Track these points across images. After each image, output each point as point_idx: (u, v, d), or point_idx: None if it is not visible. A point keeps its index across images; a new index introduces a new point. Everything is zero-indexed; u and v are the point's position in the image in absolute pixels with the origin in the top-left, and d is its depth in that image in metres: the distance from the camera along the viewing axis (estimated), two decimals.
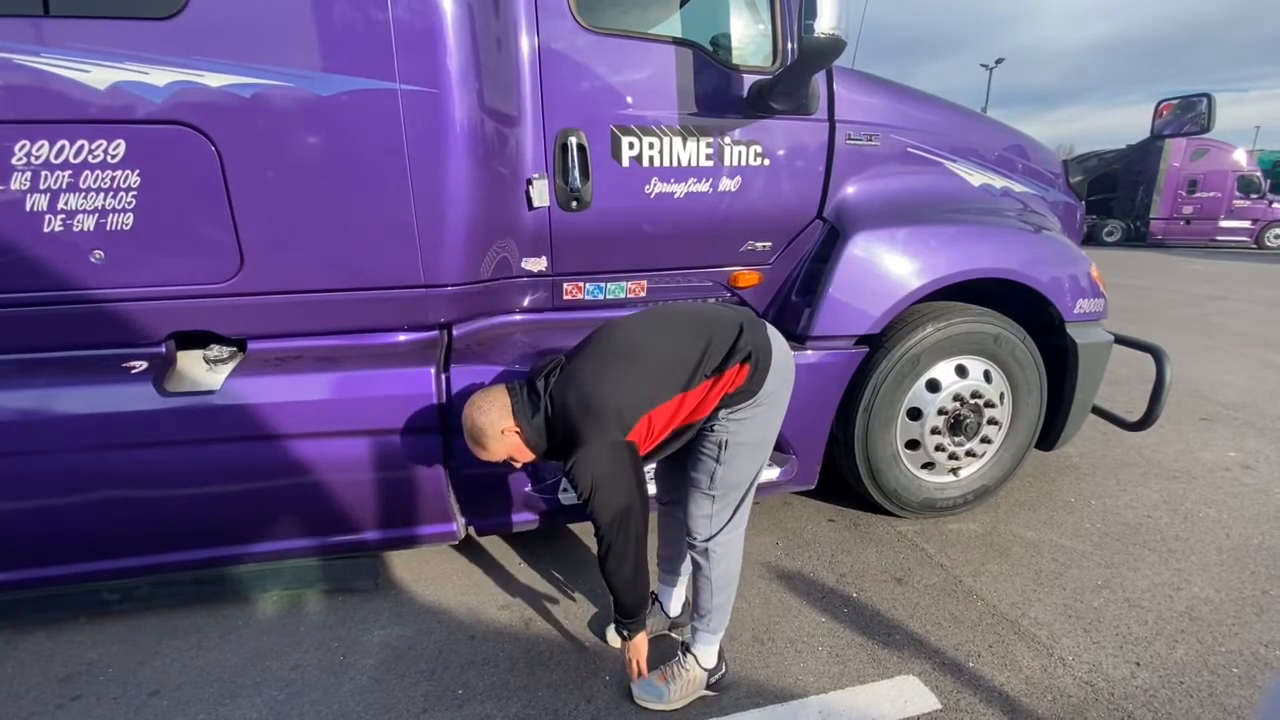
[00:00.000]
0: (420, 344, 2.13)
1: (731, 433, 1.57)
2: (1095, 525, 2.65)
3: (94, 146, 1.60)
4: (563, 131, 2.00)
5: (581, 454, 1.45)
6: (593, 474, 1.44)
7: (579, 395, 1.49)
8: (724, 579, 1.69)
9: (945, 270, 2.36)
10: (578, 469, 1.45)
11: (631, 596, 1.62)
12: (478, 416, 1.54)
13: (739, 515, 1.66)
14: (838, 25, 1.76)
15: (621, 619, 1.68)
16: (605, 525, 1.50)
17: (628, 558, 1.55)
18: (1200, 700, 1.75)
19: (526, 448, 1.58)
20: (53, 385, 1.82)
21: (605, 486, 1.45)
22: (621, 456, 1.47)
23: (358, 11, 1.64)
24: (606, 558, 1.55)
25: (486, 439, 1.54)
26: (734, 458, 1.58)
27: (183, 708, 1.78)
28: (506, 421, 1.54)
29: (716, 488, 1.61)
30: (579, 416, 1.48)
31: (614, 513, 1.48)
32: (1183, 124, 2.92)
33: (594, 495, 1.46)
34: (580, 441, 1.46)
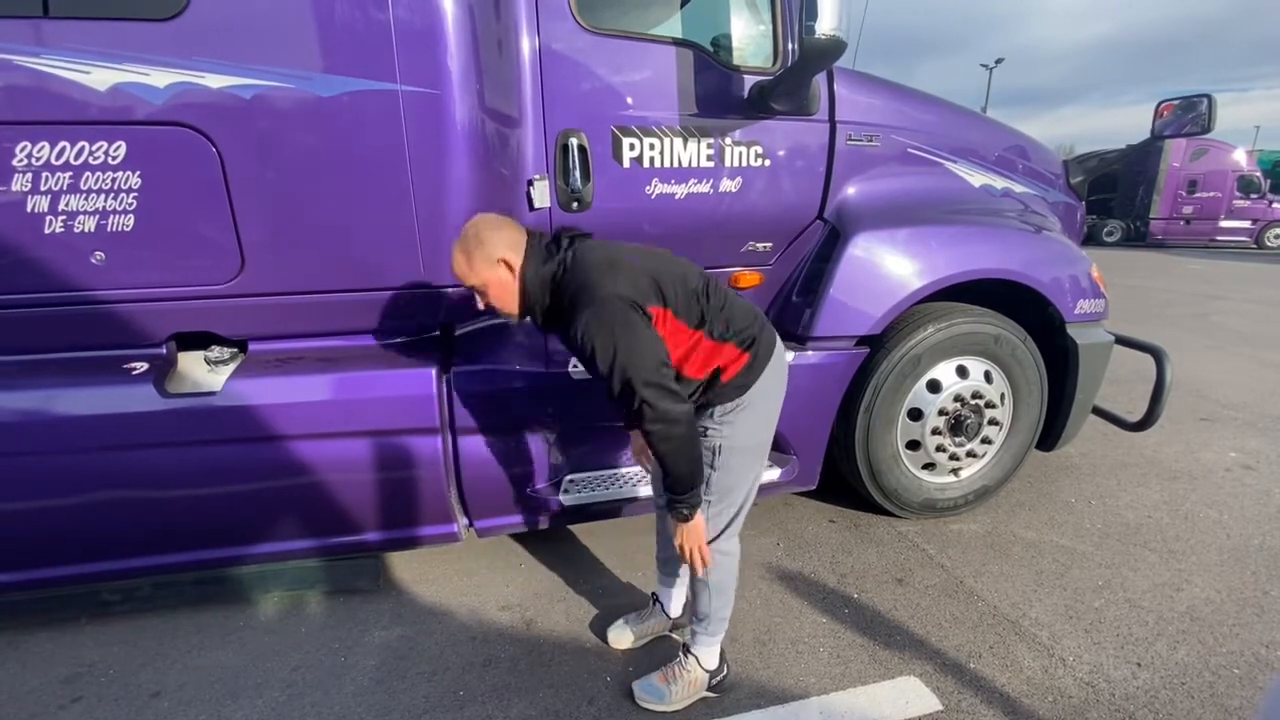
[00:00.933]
0: (421, 345, 2.13)
1: (725, 437, 1.56)
2: (1096, 526, 2.65)
3: (95, 148, 1.60)
4: (563, 132, 2.00)
5: (598, 308, 1.32)
6: (614, 327, 1.31)
7: (608, 255, 1.41)
8: (721, 584, 1.69)
9: (946, 271, 2.36)
10: (594, 324, 1.31)
11: (687, 461, 1.43)
12: (485, 229, 1.43)
13: (736, 521, 1.65)
14: (838, 26, 1.76)
15: (677, 495, 1.47)
16: (640, 384, 1.32)
17: (675, 415, 1.36)
18: (1201, 701, 1.75)
19: (510, 293, 1.45)
20: (54, 386, 1.82)
21: (630, 340, 1.32)
22: (642, 319, 1.34)
23: (358, 12, 1.64)
24: (653, 420, 1.36)
25: (479, 254, 1.41)
26: (728, 463, 1.57)
27: (184, 708, 1.78)
28: (510, 254, 1.42)
29: (712, 493, 1.59)
30: (603, 271, 1.36)
31: (645, 370, 1.33)
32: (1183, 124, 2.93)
33: (617, 354, 1.31)
34: (595, 296, 1.33)
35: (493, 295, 1.46)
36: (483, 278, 1.43)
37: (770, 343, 1.58)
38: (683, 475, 1.44)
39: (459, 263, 1.44)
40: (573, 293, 1.38)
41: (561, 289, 1.41)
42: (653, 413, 1.35)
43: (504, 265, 1.42)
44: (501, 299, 1.47)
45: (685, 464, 1.43)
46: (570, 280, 1.40)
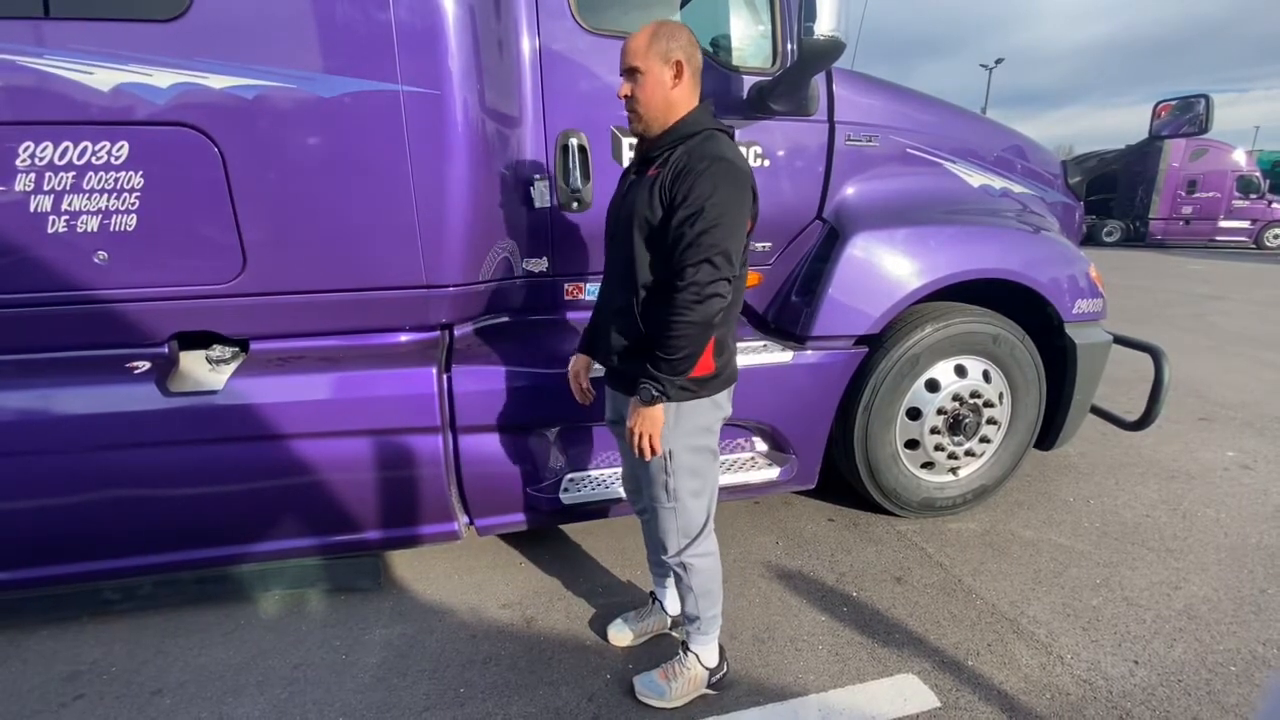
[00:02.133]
0: (422, 344, 2.14)
1: (670, 441, 1.50)
2: (1094, 524, 2.66)
3: (97, 148, 1.61)
4: (564, 132, 2.01)
5: (736, 172, 1.35)
6: (738, 194, 1.34)
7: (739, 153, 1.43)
8: (705, 586, 1.69)
9: (944, 271, 2.37)
10: (724, 177, 1.32)
11: (696, 342, 1.37)
12: (680, 31, 1.40)
13: (707, 524, 1.65)
14: (837, 27, 1.77)
15: (661, 373, 1.38)
16: (719, 247, 1.31)
17: (718, 292, 1.33)
18: (1198, 698, 1.76)
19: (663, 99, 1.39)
20: (56, 385, 1.83)
21: (740, 210, 1.35)
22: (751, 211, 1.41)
23: (359, 13, 1.65)
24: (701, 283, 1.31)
25: (665, 42, 1.37)
26: (680, 467, 1.54)
27: (186, 706, 1.78)
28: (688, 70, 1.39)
29: (674, 499, 1.58)
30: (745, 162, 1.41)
31: (734, 240, 1.34)
32: (1180, 125, 2.93)
33: (727, 211, 1.31)
34: (739, 166, 1.36)
35: (645, 87, 1.40)
36: (649, 65, 1.38)
37: (732, 375, 1.58)
38: (680, 356, 1.37)
39: (639, 40, 1.39)
40: (721, 149, 1.37)
41: (712, 140, 1.39)
42: (706, 278, 1.31)
43: (674, 68, 1.38)
44: (650, 96, 1.40)
45: (691, 345, 1.37)
46: (724, 142, 1.41)
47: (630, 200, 1.46)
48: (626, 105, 1.45)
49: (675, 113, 1.42)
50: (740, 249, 1.39)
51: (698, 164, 1.34)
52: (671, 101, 1.41)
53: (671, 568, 1.70)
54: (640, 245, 1.44)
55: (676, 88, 1.40)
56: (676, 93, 1.41)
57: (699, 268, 1.32)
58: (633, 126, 1.48)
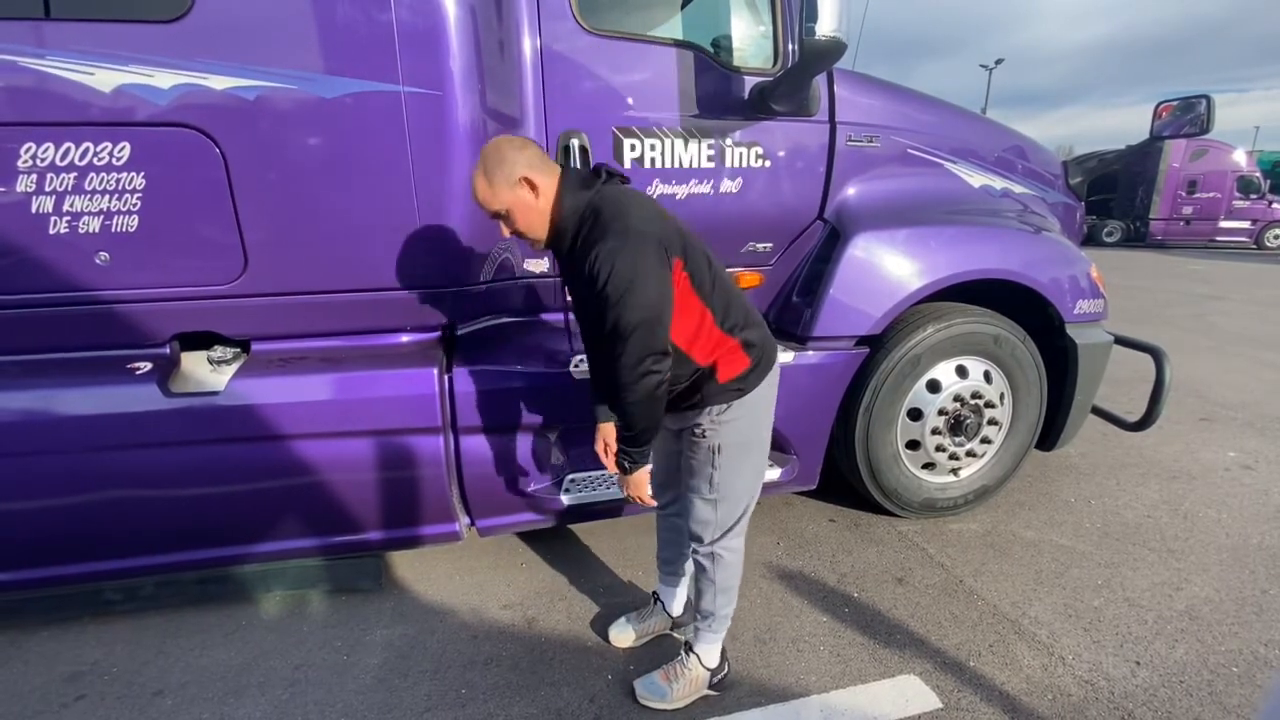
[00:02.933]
0: (423, 345, 2.14)
1: (723, 436, 1.55)
2: (1095, 525, 2.66)
3: (99, 149, 1.61)
4: (565, 133, 2.01)
5: (625, 240, 1.29)
6: (635, 262, 1.29)
7: (642, 199, 1.42)
8: (727, 582, 1.70)
9: (945, 271, 2.37)
10: (617, 254, 1.28)
11: (646, 417, 1.44)
12: (508, 148, 1.37)
13: (741, 521, 1.66)
14: (838, 27, 1.77)
15: (627, 447, 1.51)
16: (633, 326, 1.31)
17: (648, 369, 1.35)
18: (1200, 699, 1.75)
19: (541, 217, 1.39)
20: (58, 386, 1.83)
21: (645, 279, 1.30)
22: (665, 260, 1.33)
23: (361, 14, 1.65)
24: (626, 369, 1.35)
25: (500, 174, 1.35)
26: (729, 461, 1.57)
27: (187, 707, 1.78)
28: (534, 173, 1.36)
29: (716, 492, 1.60)
30: (637, 209, 1.35)
31: (648, 312, 1.31)
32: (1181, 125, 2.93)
33: (630, 287, 1.28)
34: (626, 229, 1.31)
35: (518, 219, 1.40)
36: (505, 201, 1.37)
37: (770, 359, 1.59)
38: (637, 431, 1.46)
39: (479, 186, 1.38)
40: (604, 222, 1.34)
41: (595, 218, 1.36)
42: (633, 357, 1.34)
43: (526, 185, 1.37)
44: (527, 223, 1.41)
45: (643, 420, 1.44)
46: (604, 209, 1.36)
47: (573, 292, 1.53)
48: (517, 238, 1.47)
49: (553, 215, 1.41)
50: (660, 308, 1.35)
51: (593, 261, 1.31)
52: (545, 211, 1.40)
53: (697, 559, 1.71)
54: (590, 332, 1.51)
55: (540, 198, 1.39)
56: (543, 201, 1.39)
57: (622, 355, 1.34)
58: (534, 247, 1.48)
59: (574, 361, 2.13)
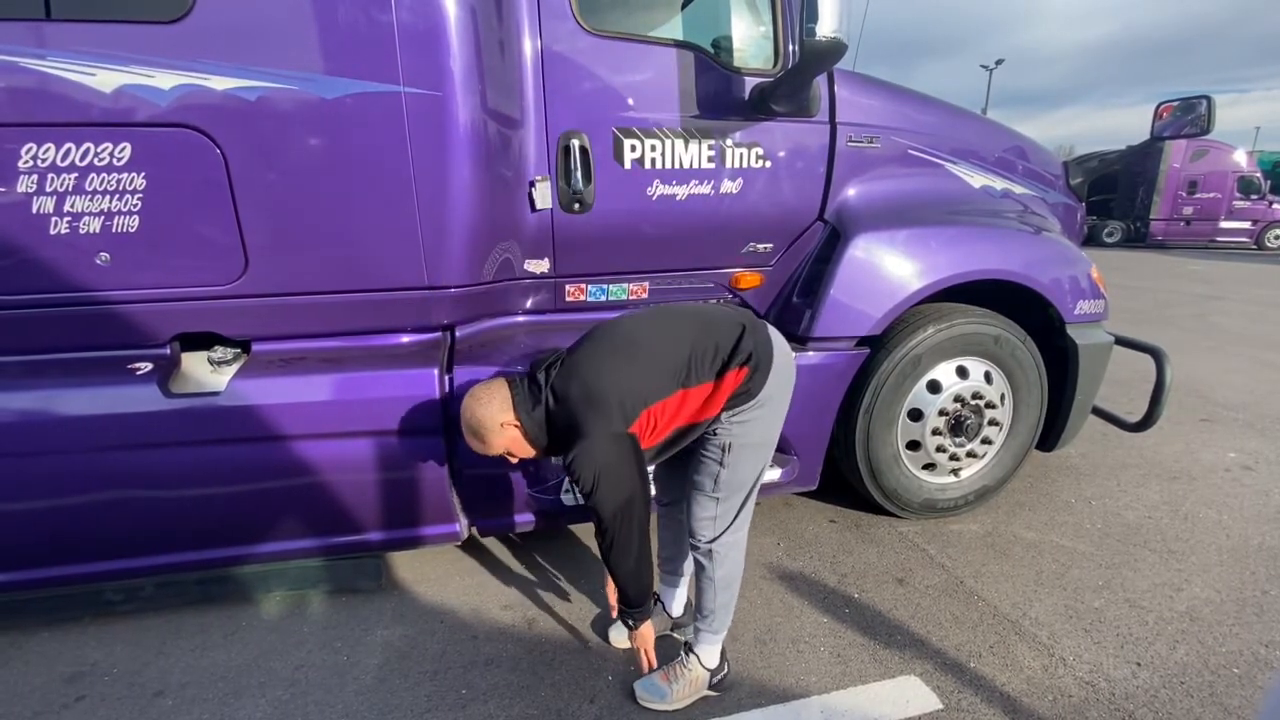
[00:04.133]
0: (423, 345, 2.13)
1: (735, 435, 1.57)
2: (1096, 526, 2.65)
3: (100, 149, 1.61)
4: (565, 133, 2.01)
5: (583, 445, 1.43)
6: (596, 465, 1.43)
7: (581, 387, 1.49)
8: (727, 580, 1.70)
9: (946, 271, 2.37)
10: (580, 461, 1.43)
11: (636, 587, 1.61)
12: (477, 409, 1.54)
13: (742, 517, 1.67)
14: (839, 28, 1.77)
15: (626, 609, 1.67)
16: (609, 517, 1.48)
17: (630, 550, 1.54)
18: (1201, 700, 1.75)
19: (526, 442, 1.57)
20: (58, 386, 1.82)
21: (608, 477, 1.44)
22: (624, 447, 1.46)
23: (361, 15, 1.65)
24: (610, 550, 1.54)
25: (486, 432, 1.53)
26: (737, 460, 1.58)
27: (187, 707, 1.78)
28: (507, 415, 1.53)
29: (720, 490, 1.61)
30: (581, 408, 1.47)
31: (617, 504, 1.47)
32: (1182, 126, 2.93)
33: (597, 487, 1.44)
34: (582, 433, 1.44)
35: (515, 452, 1.60)
36: (500, 446, 1.57)
37: (765, 347, 1.57)
38: (631, 596, 1.62)
39: (476, 447, 1.58)
40: (563, 428, 1.51)
41: (554, 425, 1.53)
42: (615, 543, 1.52)
43: (509, 427, 1.54)
44: (520, 450, 1.59)
45: (634, 588, 1.60)
46: (558, 416, 1.51)
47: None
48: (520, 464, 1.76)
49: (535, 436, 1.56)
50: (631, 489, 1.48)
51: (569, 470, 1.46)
52: (530, 438, 1.57)
53: (697, 557, 1.72)
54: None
55: (521, 430, 1.55)
56: (524, 432, 1.56)
57: (605, 536, 1.53)
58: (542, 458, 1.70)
59: None
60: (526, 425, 1.54)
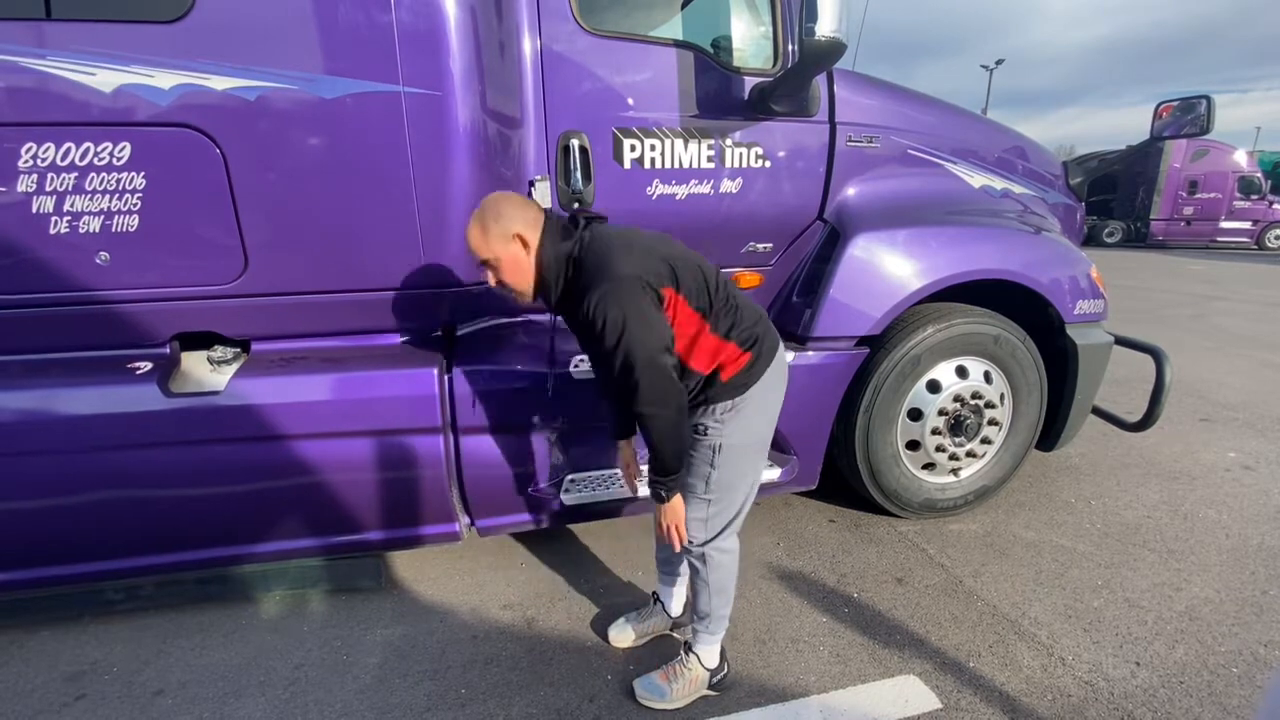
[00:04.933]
0: (423, 345, 2.14)
1: (725, 435, 1.56)
2: (1095, 526, 2.66)
3: (99, 149, 1.61)
4: (565, 133, 2.01)
5: (613, 285, 1.33)
6: (625, 305, 1.33)
7: (624, 236, 1.43)
8: (721, 583, 1.69)
9: (946, 271, 2.37)
10: (608, 300, 1.33)
11: (674, 446, 1.47)
12: (504, 204, 1.43)
13: (736, 520, 1.66)
14: (838, 28, 1.77)
15: (658, 477, 1.51)
16: (642, 364, 1.35)
17: (670, 401, 1.41)
18: (1200, 700, 1.75)
19: (530, 272, 1.44)
20: (58, 386, 1.83)
21: (639, 319, 1.34)
22: (654, 297, 1.37)
23: (361, 15, 1.65)
24: (647, 404, 1.39)
25: (495, 227, 1.40)
26: (727, 461, 1.57)
27: (187, 707, 1.79)
28: (526, 229, 1.42)
29: (711, 492, 1.60)
30: (619, 250, 1.38)
31: (652, 348, 1.36)
32: (1182, 126, 2.93)
33: (627, 329, 1.32)
34: (611, 274, 1.34)
35: (505, 272, 1.45)
36: (496, 253, 1.43)
37: (773, 345, 1.60)
38: (667, 459, 1.47)
39: (474, 235, 1.43)
40: (589, 270, 1.39)
41: (578, 267, 1.41)
42: (649, 394, 1.38)
43: (519, 242, 1.42)
44: (514, 276, 1.46)
45: (671, 447, 1.46)
46: (587, 258, 1.40)
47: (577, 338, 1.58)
48: (502, 291, 1.51)
49: (548, 271, 1.45)
50: (664, 345, 1.39)
51: (586, 309, 1.36)
52: (531, 266, 1.45)
53: (690, 560, 1.71)
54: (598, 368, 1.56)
55: (530, 252, 1.44)
56: (533, 258, 1.45)
57: (636, 392, 1.39)
58: (520, 300, 1.52)
59: (574, 361, 2.13)
60: (546, 255, 1.42)
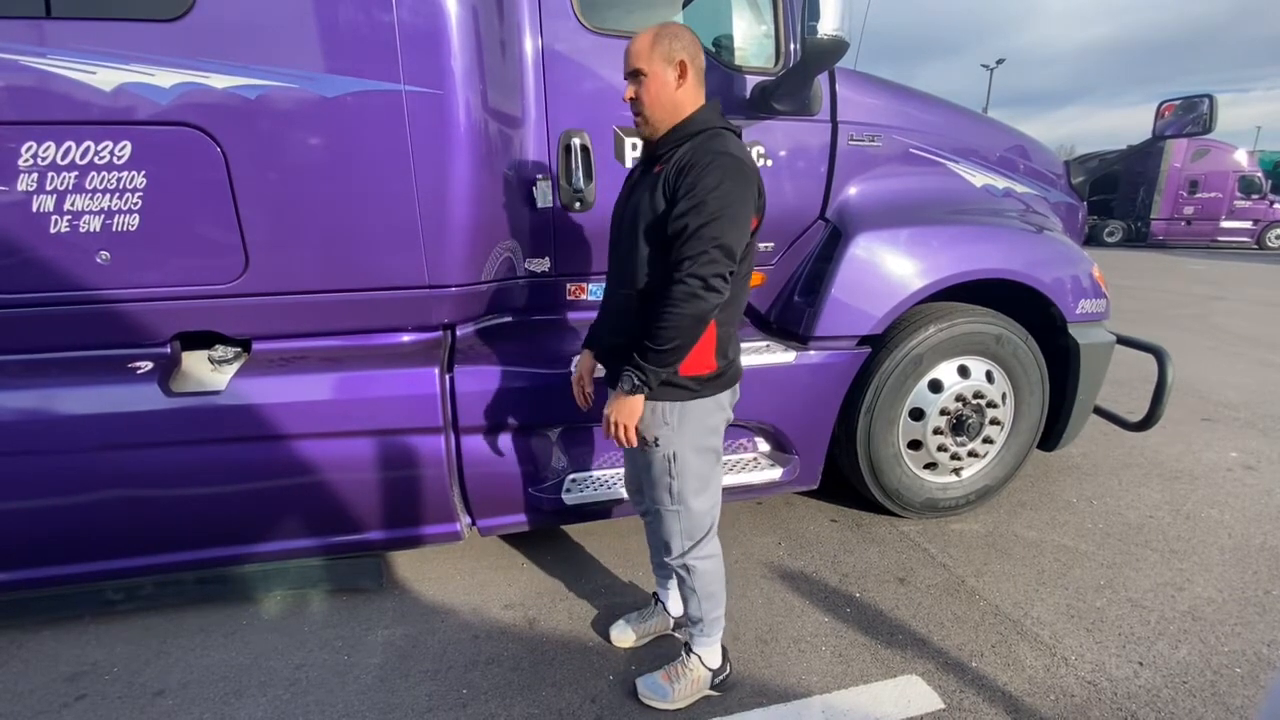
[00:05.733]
0: (424, 344, 2.13)
1: (675, 443, 1.51)
2: (1097, 525, 2.65)
3: (100, 148, 1.61)
4: (566, 132, 2.01)
5: (736, 165, 1.32)
6: (739, 187, 1.31)
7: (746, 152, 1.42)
8: (708, 588, 1.68)
9: (948, 271, 2.37)
10: (730, 171, 1.30)
11: (684, 334, 1.33)
12: (686, 32, 1.40)
13: (711, 527, 1.65)
14: (840, 26, 1.77)
15: (644, 361, 1.36)
16: (717, 238, 1.28)
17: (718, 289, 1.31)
18: (1203, 700, 1.75)
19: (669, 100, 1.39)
20: (58, 385, 1.82)
21: (742, 205, 1.31)
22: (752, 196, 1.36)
23: (362, 13, 1.65)
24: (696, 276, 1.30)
25: (667, 43, 1.36)
26: (685, 470, 1.54)
27: (188, 707, 1.78)
28: (693, 70, 1.38)
29: (678, 503, 1.58)
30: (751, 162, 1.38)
31: (733, 232, 1.31)
32: (1184, 125, 2.92)
33: (728, 203, 1.29)
34: (740, 161, 1.33)
35: (649, 90, 1.39)
36: (654, 67, 1.37)
37: (735, 376, 1.60)
38: (667, 348, 1.34)
39: (642, 41, 1.38)
40: (726, 145, 1.36)
41: (717, 138, 1.37)
42: (704, 269, 1.30)
43: (680, 68, 1.38)
44: (655, 98, 1.39)
45: (679, 336, 1.33)
46: (731, 143, 1.38)
47: (635, 199, 1.46)
48: (632, 108, 1.45)
49: (681, 113, 1.41)
50: (741, 245, 1.36)
51: (702, 158, 1.32)
52: (677, 102, 1.40)
53: (675, 570, 1.70)
54: (642, 242, 1.42)
55: (681, 88, 1.39)
56: (681, 93, 1.40)
57: (697, 260, 1.30)
58: (639, 129, 1.47)
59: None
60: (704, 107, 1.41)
